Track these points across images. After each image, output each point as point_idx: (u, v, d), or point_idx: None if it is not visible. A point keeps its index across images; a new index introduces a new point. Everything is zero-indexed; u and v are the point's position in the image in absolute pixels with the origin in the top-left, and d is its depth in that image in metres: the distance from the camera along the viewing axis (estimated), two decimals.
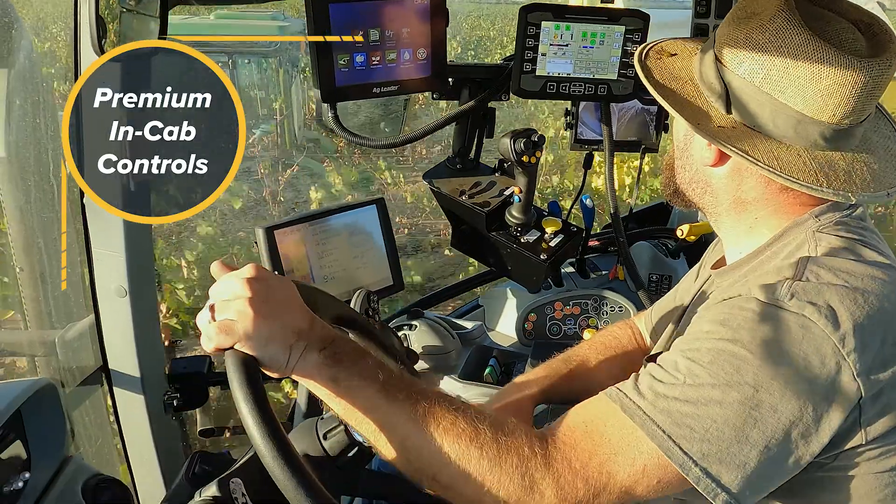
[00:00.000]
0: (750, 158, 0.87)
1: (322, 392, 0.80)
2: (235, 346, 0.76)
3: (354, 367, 0.80)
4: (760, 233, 0.97)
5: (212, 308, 0.78)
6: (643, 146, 1.91)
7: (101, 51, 1.11)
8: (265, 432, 0.70)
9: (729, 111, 0.91)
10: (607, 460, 0.80)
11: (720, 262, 1.10)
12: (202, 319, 0.79)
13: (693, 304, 1.14)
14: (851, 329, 0.77)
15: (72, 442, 1.21)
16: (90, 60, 1.21)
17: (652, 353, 1.17)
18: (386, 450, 0.81)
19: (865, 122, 0.90)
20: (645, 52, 1.06)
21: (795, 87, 0.86)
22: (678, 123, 1.00)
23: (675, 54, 1.06)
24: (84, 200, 1.37)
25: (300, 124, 7.30)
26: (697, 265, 1.24)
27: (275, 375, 0.80)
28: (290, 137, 6.80)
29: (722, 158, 0.94)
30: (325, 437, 0.91)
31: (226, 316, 0.77)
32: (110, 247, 1.38)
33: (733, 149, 0.88)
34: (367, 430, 0.81)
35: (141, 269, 1.44)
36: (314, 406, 1.33)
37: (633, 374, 0.85)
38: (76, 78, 1.28)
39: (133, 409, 1.51)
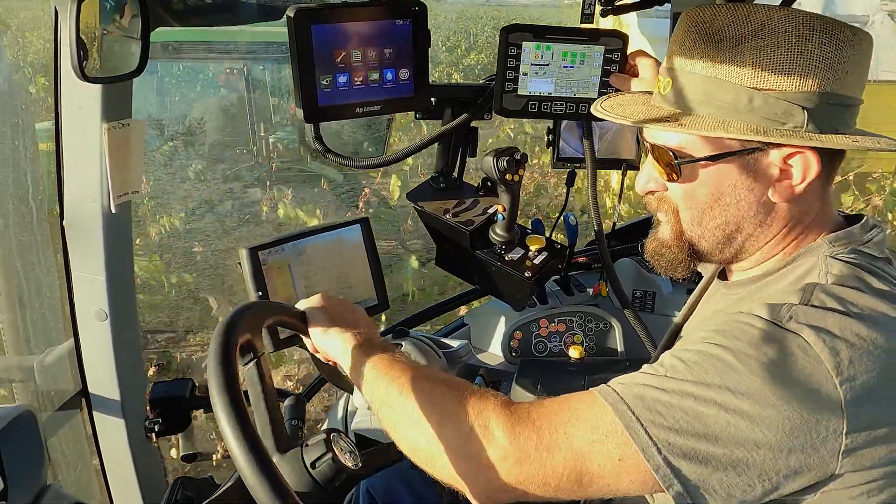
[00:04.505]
0: (870, 139, 0.87)
1: (343, 358, 1.03)
2: (297, 305, 1.11)
3: (379, 348, 1.02)
4: (770, 255, 0.95)
5: None
6: (625, 163, 1.93)
7: (83, 74, 1.11)
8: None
9: (809, 128, 0.86)
10: (567, 423, 0.81)
11: (723, 274, 1.08)
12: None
13: (696, 312, 1.14)
14: (848, 359, 0.75)
15: (49, 469, 1.18)
16: (71, 84, 1.20)
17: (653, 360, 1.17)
18: (376, 401, 0.95)
19: None
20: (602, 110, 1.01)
21: (853, 77, 0.86)
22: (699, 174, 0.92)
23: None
24: (63, 223, 1.36)
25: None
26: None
27: (315, 341, 1.08)
28: (304, 145, 6.79)
29: (806, 171, 0.87)
30: (313, 467, 0.90)
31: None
32: (90, 270, 1.37)
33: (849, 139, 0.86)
34: (365, 386, 0.98)
35: (122, 293, 1.42)
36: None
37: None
38: (56, 102, 1.27)
39: (113, 434, 1.48)
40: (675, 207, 0.96)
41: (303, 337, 1.12)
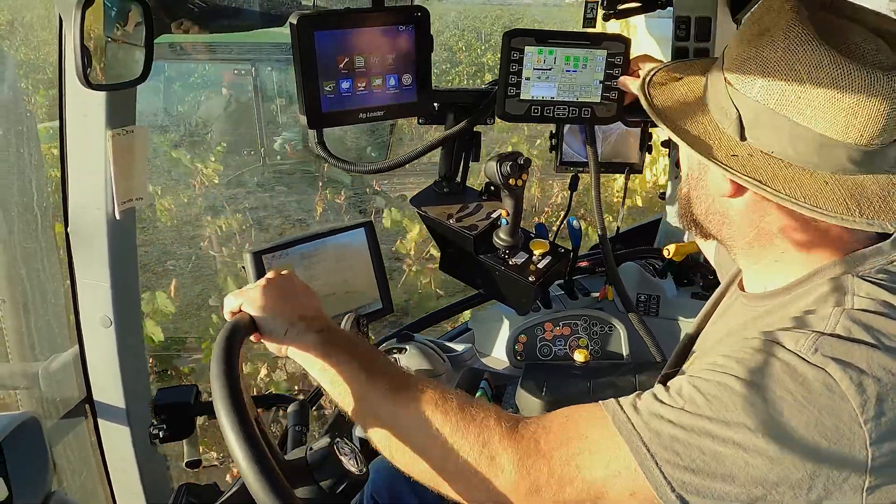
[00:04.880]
0: (768, 189, 0.79)
1: (314, 364, 0.92)
2: (241, 308, 0.96)
3: (345, 347, 0.93)
4: (788, 269, 0.90)
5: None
6: (628, 167, 1.93)
7: (87, 81, 1.11)
8: (224, 383, 0.77)
9: (743, 137, 0.84)
10: (579, 454, 0.78)
11: (741, 282, 1.03)
12: (228, 294, 0.98)
13: (714, 317, 1.10)
14: (875, 396, 0.71)
15: (55, 476, 1.18)
16: (75, 91, 1.20)
17: (671, 364, 1.15)
18: (363, 422, 0.89)
19: None
20: (649, 78, 1.00)
21: (814, 108, 0.77)
22: (688, 152, 0.89)
23: (681, 78, 1.00)
24: (68, 229, 1.36)
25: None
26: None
27: (272, 344, 0.95)
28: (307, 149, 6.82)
29: (740, 189, 0.86)
30: (317, 472, 0.90)
31: (245, 288, 1.00)
32: (95, 276, 1.37)
33: (748, 179, 0.80)
34: (348, 404, 0.90)
35: (127, 299, 1.42)
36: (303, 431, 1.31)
37: (637, 391, 0.83)
38: (61, 109, 1.28)
39: (118, 441, 1.48)
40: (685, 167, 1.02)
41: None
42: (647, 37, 2.35)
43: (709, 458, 0.73)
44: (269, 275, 1.01)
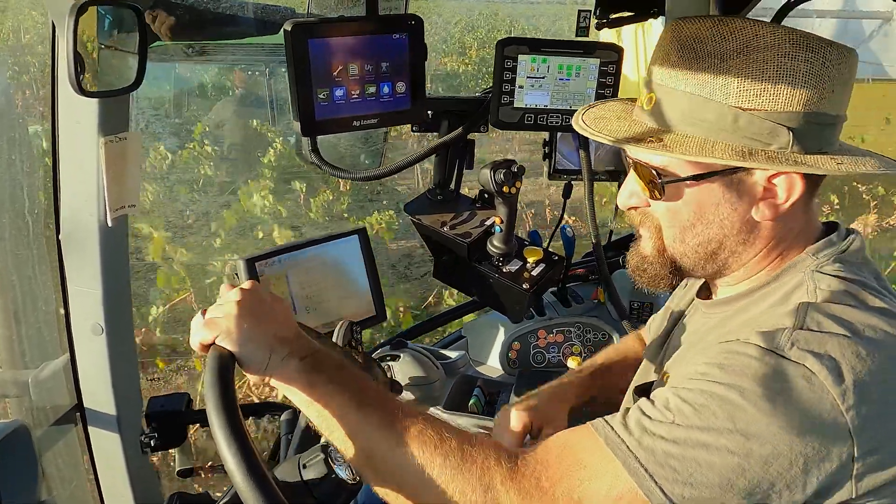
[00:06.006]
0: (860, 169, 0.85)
1: (299, 398, 0.84)
2: (216, 341, 0.83)
3: (332, 376, 0.85)
4: (756, 271, 0.94)
5: (204, 311, 0.87)
6: (621, 175, 1.94)
7: (80, 88, 1.11)
8: (225, 422, 0.73)
9: (794, 149, 0.85)
10: (579, 485, 0.78)
11: (705, 289, 1.07)
12: (195, 320, 0.86)
13: (676, 329, 1.13)
14: (853, 383, 0.74)
15: (44, 485, 1.17)
16: (68, 97, 1.20)
17: (637, 380, 1.17)
18: (355, 457, 0.83)
19: None
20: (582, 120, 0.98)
21: (838, 95, 0.85)
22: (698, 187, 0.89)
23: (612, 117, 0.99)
24: (59, 236, 1.35)
25: None
26: (685, 286, 1.21)
27: (253, 376, 0.85)
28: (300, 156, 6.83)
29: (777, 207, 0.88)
30: (310, 481, 0.89)
31: (213, 315, 0.85)
32: (86, 283, 1.36)
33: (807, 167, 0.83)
34: (339, 438, 0.83)
35: (118, 306, 1.41)
36: (304, 441, 1.30)
37: (623, 408, 0.83)
38: (53, 115, 1.27)
39: (109, 449, 1.47)
40: (657, 224, 0.96)
41: None
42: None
43: (705, 469, 0.74)
44: (235, 296, 0.87)
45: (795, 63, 0.83)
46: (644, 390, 1.00)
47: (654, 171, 0.90)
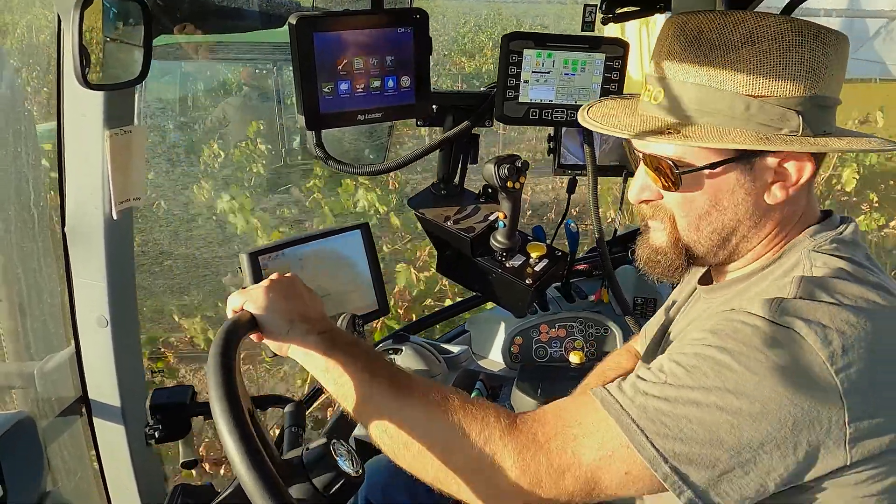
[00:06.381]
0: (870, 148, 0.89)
1: (315, 364, 0.94)
2: (244, 307, 0.97)
3: (346, 349, 0.94)
4: (762, 254, 0.97)
5: (244, 289, 1.00)
6: (626, 170, 1.93)
7: (85, 81, 1.11)
8: (220, 378, 0.78)
9: (805, 133, 0.88)
10: (573, 440, 0.81)
11: (706, 277, 1.10)
12: (231, 294, 1.00)
13: (679, 317, 1.14)
14: (841, 347, 0.76)
15: (49, 476, 1.18)
16: (74, 90, 1.20)
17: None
18: (367, 421, 0.90)
19: None
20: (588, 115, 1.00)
21: (836, 79, 0.88)
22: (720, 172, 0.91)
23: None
24: (65, 229, 1.36)
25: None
26: (682, 281, 1.23)
27: (273, 343, 0.97)
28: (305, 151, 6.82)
29: (787, 188, 0.91)
30: (313, 474, 0.90)
31: (248, 287, 1.01)
32: (91, 276, 1.37)
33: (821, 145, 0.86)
34: (351, 403, 0.91)
35: (123, 299, 1.42)
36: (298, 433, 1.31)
37: (621, 376, 0.87)
38: (59, 108, 1.28)
39: (113, 440, 1.48)
40: (670, 214, 0.97)
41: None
42: None
43: (695, 425, 0.76)
44: (273, 276, 1.02)
45: (801, 50, 0.86)
46: None
47: (670, 162, 0.91)
